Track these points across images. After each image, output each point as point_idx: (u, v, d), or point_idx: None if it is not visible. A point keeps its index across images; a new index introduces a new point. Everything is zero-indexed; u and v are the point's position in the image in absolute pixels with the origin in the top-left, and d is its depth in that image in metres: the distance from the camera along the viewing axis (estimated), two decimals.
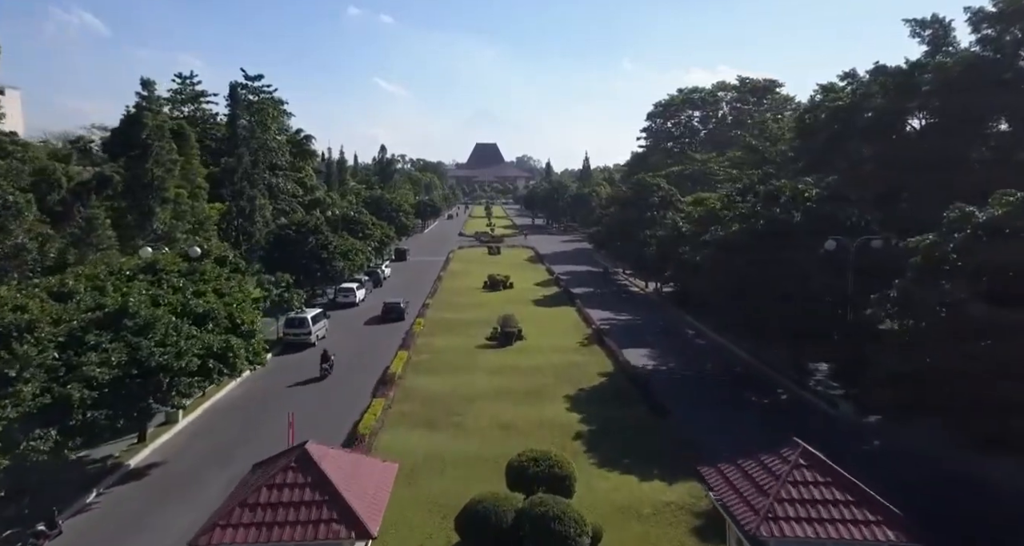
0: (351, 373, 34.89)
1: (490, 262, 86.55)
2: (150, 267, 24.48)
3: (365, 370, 35.41)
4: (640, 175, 65.82)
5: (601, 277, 70.91)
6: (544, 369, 35.42)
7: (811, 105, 44.08)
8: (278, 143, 64.25)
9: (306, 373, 35.10)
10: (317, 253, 46.91)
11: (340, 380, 33.90)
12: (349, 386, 32.43)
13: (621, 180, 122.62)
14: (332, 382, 33.69)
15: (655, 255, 51.22)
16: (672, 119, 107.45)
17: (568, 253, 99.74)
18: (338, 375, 34.54)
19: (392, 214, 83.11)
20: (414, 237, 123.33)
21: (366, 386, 32.17)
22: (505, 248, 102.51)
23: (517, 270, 78.47)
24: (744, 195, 36.37)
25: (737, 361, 37.87)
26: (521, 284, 66.19)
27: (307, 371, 35.28)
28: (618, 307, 55.18)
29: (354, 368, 35.81)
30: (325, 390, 32.45)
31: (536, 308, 54.43)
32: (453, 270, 78.29)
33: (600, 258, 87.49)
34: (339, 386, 32.87)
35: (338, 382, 33.59)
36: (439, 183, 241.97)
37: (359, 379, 33.53)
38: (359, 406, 28.53)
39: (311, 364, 36.29)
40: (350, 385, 32.52)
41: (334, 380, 33.93)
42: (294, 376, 34.57)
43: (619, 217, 63.93)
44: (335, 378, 34.16)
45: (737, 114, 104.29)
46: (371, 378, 33.44)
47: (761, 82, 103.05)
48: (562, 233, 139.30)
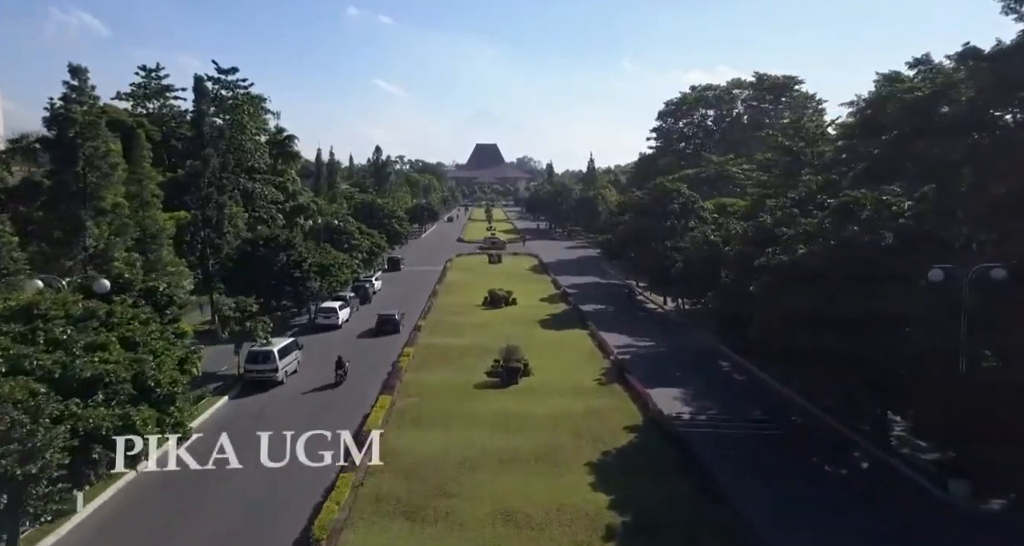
0: (318, 433, 28.29)
1: (491, 272, 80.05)
2: (23, 312, 17.90)
3: (338, 419, 28.91)
4: (659, 180, 59.33)
5: (625, 298, 62.26)
6: (558, 420, 28.86)
7: (873, 98, 37.54)
8: (256, 144, 57.83)
9: (269, 424, 28.63)
10: (288, 272, 40.32)
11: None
12: (312, 453, 25.79)
13: (629, 182, 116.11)
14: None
15: (680, 271, 44.64)
16: (684, 118, 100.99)
17: (574, 262, 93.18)
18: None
19: (384, 221, 76.61)
20: (411, 243, 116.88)
21: (334, 451, 25.58)
22: (506, 255, 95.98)
23: (520, 282, 71.96)
24: (802, 207, 29.91)
25: (790, 405, 31.34)
26: (525, 300, 59.67)
27: (270, 422, 28.79)
28: (636, 329, 48.64)
29: (321, 420, 29.24)
30: (286, 451, 25.87)
31: (543, 331, 47.92)
32: (451, 282, 71.75)
33: (610, 269, 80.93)
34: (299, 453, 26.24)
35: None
36: (438, 185, 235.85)
37: (325, 445, 26.88)
38: (321, 484, 21.98)
39: (275, 411, 29.88)
40: (313, 452, 25.88)
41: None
42: (248, 430, 28.02)
43: (634, 226, 57.38)
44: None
45: (753, 113, 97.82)
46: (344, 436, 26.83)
47: (779, 79, 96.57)
48: (566, 238, 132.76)
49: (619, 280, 74.12)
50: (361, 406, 30.23)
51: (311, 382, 34.19)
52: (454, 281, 72.66)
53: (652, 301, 61.17)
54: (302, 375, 35.33)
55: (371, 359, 38.83)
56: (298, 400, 31.92)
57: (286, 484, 22.04)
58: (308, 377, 35.04)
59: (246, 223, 53.75)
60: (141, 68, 53.80)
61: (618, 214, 71.28)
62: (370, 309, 56.22)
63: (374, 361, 38.22)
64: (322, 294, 46.13)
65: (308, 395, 32.57)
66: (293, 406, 31.10)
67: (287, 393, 32.77)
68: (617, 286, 70.62)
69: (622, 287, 70.02)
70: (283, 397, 32.27)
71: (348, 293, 53.76)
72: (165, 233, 38.59)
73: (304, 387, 33.58)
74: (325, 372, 34.74)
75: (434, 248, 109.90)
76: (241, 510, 20.99)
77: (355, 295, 55.42)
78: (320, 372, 35.10)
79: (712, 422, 29.62)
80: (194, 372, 23.56)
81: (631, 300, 59.67)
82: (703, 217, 56.61)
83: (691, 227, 55.01)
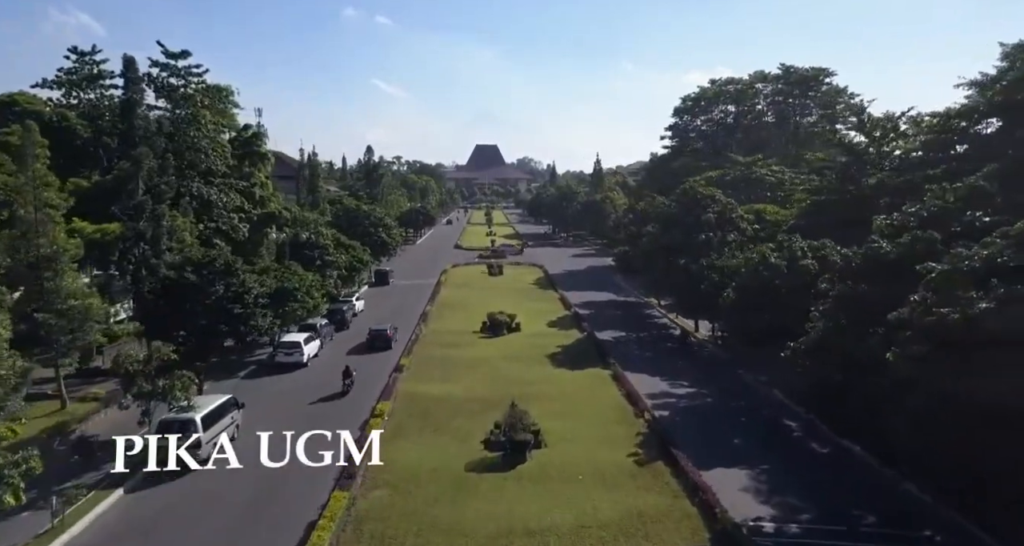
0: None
1: (490, 287, 71.15)
2: None
3: (269, 538, 20.08)
4: (687, 183, 50.22)
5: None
6: (588, 537, 19.92)
7: (988, 81, 28.67)
8: (214, 142, 48.87)
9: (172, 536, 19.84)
10: (224, 307, 31.19)
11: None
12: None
13: (641, 184, 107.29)
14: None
15: (731, 301, 35.67)
16: (703, 114, 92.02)
17: (583, 274, 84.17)
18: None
19: (370, 230, 67.71)
20: (406, 251, 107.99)
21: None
22: (508, 265, 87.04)
23: (524, 299, 63.07)
24: (939, 226, 21.08)
25: (915, 506, 22.25)
26: (530, 324, 50.81)
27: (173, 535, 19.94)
28: (670, 368, 39.70)
29: (245, 539, 20.30)
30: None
31: (555, 371, 39.01)
32: (444, 301, 62.80)
33: (625, 282, 71.98)
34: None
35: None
36: (436, 187, 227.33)
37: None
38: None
39: (191, 509, 21.10)
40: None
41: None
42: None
43: (662, 238, 48.44)
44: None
45: (779, 109, 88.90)
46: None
47: (808, 71, 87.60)
48: (571, 244, 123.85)
49: (637, 298, 65.18)
50: (307, 507, 21.36)
51: (249, 458, 24.63)
52: (448, 299, 63.72)
53: (677, 322, 52.20)
54: (243, 444, 25.68)
55: (336, 417, 29.80)
56: (229, 487, 22.99)
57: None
58: (250, 448, 25.04)
59: (200, 236, 44.91)
60: (72, 50, 44.82)
61: (632, 222, 62.18)
62: (346, 337, 47.58)
63: (340, 417, 29.11)
64: (272, 332, 37.25)
65: (239, 480, 23.43)
66: (215, 501, 22.23)
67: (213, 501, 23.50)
68: (636, 306, 61.70)
69: (641, 306, 61.15)
70: (209, 485, 23.34)
71: (320, 320, 44.88)
72: (67, 254, 29.66)
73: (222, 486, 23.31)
74: (277, 446, 24.77)
75: (429, 256, 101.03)
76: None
77: (328, 322, 46.56)
78: (273, 444, 24.60)
79: (810, 535, 20.62)
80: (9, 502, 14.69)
81: (683, 344, 47.64)
82: (743, 229, 47.74)
83: (730, 241, 46.14)
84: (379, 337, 44.06)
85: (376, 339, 43.95)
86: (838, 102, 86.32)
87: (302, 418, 28.57)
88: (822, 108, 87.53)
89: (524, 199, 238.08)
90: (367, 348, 43.66)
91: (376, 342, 43.74)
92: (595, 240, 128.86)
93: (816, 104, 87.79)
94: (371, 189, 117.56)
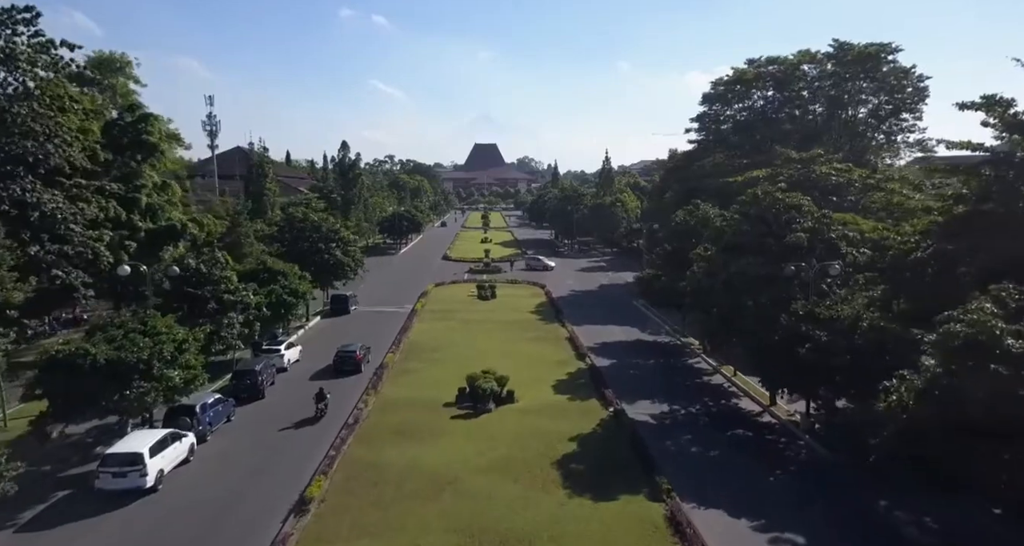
0: None
1: (477, 319, 55.37)
2: None
3: None
4: (764, 190, 33.75)
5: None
6: None
7: None
8: (60, 126, 33.18)
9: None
10: None
11: None
12: None
13: (660, 187, 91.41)
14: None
15: (893, 405, 19.84)
16: (740, 102, 76.11)
17: (595, 297, 68.39)
18: None
19: (319, 245, 51.86)
20: (385, 262, 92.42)
21: None
22: (503, 285, 71.29)
23: (520, 338, 47.52)
24: None
25: None
26: (530, 389, 35.20)
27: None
28: (762, 493, 23.91)
29: None
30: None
31: (576, 504, 23.09)
32: (414, 343, 47.00)
33: (649, 309, 56.14)
34: None
35: None
36: (429, 187, 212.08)
37: None
38: None
39: None
40: None
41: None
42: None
43: (727, 267, 32.50)
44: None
45: (830, 94, 72.94)
46: None
47: (865, 49, 71.72)
48: (576, 254, 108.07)
49: (671, 337, 49.43)
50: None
51: None
52: (420, 339, 47.93)
53: (747, 391, 36.53)
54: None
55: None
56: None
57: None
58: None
59: (31, 264, 29.41)
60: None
61: (667, 236, 46.08)
62: (268, 406, 32.21)
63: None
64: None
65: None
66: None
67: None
68: (671, 350, 45.82)
69: (679, 351, 45.40)
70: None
71: (206, 397, 29.20)
72: None
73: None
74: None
75: (410, 271, 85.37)
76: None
77: (224, 397, 30.88)
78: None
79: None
80: None
81: (777, 432, 31.90)
82: (846, 254, 31.93)
83: (832, 275, 30.38)
84: (346, 360, 39.51)
85: (344, 362, 39.47)
86: (905, 85, 70.53)
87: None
88: (884, 93, 71.69)
89: (524, 200, 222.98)
90: (333, 372, 39.02)
91: (344, 365, 39.35)
92: (604, 249, 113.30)
93: (877, 88, 71.89)
94: (346, 191, 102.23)
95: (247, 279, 39.95)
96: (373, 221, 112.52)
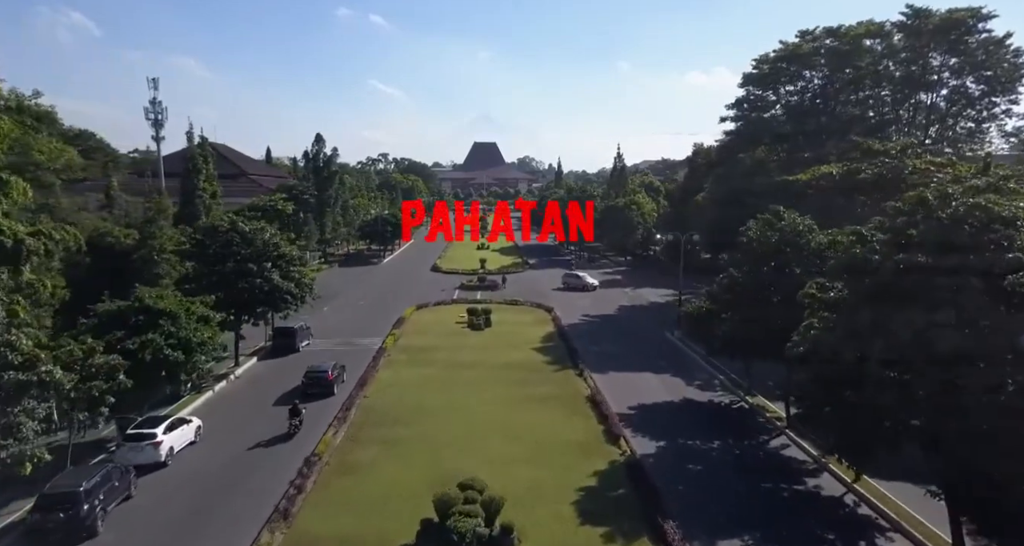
0: None
1: (465, 362, 41.40)
2: None
3: None
4: (941, 188, 20.11)
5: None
6: None
7: None
8: None
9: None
10: None
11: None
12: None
13: (689, 182, 77.50)
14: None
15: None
16: (791, 84, 62.22)
17: (619, 325, 54.41)
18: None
19: (249, 267, 37.90)
20: (365, 274, 78.80)
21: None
22: (500, 307, 57.54)
23: (525, 404, 33.68)
24: None
25: None
26: (541, 519, 21.45)
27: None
28: None
29: None
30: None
31: None
32: (371, 409, 32.93)
33: (689, 348, 42.27)
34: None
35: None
36: (425, 187, 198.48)
37: None
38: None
39: None
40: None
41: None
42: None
43: (883, 328, 18.58)
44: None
45: (902, 73, 59.09)
46: None
47: (949, 15, 57.97)
48: (585, 263, 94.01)
49: (733, 393, 35.70)
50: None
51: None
52: (378, 406, 33.89)
53: (836, 474, 22.96)
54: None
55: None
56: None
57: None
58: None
59: None
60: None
61: (739, 260, 31.79)
62: None
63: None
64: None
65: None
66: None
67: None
68: (744, 423, 31.89)
69: (755, 423, 31.58)
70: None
71: None
72: None
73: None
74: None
75: (389, 286, 71.67)
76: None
77: None
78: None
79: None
80: None
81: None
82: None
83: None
84: (317, 382, 34.64)
85: (314, 384, 34.62)
86: (1001, 60, 56.81)
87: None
88: (972, 70, 57.93)
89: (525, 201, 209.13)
90: (302, 395, 33.67)
91: (313, 388, 34.46)
92: (615, 257, 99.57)
93: (961, 65, 58.15)
94: (321, 191, 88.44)
95: (108, 326, 26.30)
96: (354, 226, 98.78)
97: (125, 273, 42.19)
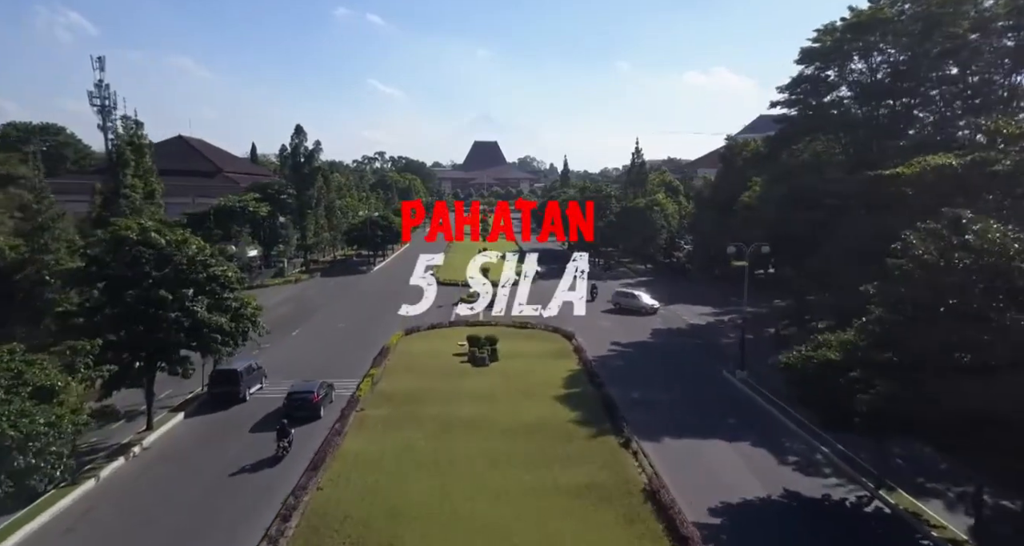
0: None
1: (466, 422, 29.85)
2: None
3: None
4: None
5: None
6: None
7: None
8: None
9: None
10: None
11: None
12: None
13: (723, 181, 66.38)
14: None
15: None
16: (863, 60, 50.85)
17: (659, 358, 43.18)
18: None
19: (164, 295, 26.87)
20: (349, 286, 67.97)
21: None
22: (508, 335, 46.53)
23: (551, 510, 22.23)
24: None
25: None
26: None
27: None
28: None
29: None
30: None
31: None
32: (323, 515, 21.97)
33: (771, 405, 31.07)
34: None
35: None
36: (422, 187, 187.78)
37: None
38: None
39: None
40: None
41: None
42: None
43: None
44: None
45: (1015, 43, 47.83)
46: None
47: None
48: (601, 271, 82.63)
49: (854, 483, 24.62)
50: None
51: None
52: (333, 503, 22.77)
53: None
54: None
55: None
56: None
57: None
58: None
59: None
60: None
61: (925, 292, 20.87)
62: None
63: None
64: None
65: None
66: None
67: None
68: (886, 526, 20.91)
69: (906, 536, 20.50)
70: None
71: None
72: None
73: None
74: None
75: (378, 300, 60.89)
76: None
77: None
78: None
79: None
80: None
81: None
82: None
83: None
84: (302, 406, 30.02)
85: (298, 408, 29.89)
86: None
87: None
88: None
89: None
90: (285, 417, 28.20)
91: (296, 412, 29.59)
92: (633, 264, 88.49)
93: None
94: (301, 191, 77.64)
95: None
96: (340, 229, 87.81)
97: (11, 298, 31.49)
